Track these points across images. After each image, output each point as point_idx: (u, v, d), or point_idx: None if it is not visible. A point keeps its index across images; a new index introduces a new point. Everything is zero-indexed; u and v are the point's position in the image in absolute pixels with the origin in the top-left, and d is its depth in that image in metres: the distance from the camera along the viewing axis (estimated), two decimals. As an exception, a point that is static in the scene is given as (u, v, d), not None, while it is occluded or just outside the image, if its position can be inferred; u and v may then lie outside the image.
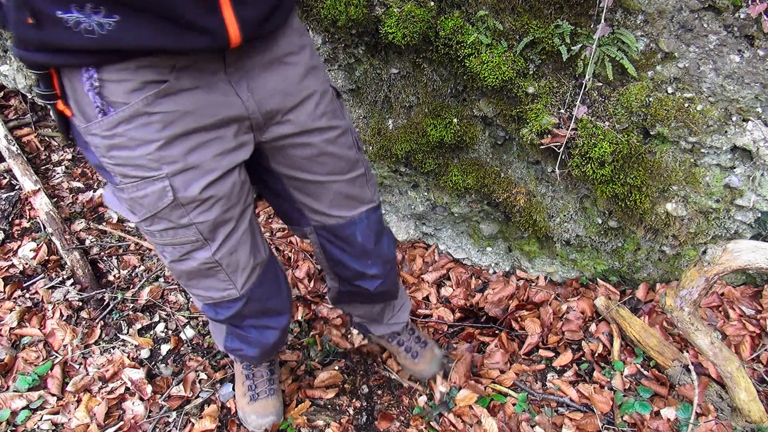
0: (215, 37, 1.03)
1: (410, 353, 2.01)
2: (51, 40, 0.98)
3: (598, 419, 1.85)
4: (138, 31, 0.97)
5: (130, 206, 1.21)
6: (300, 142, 1.31)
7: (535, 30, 1.79)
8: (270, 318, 1.49)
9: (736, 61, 1.69)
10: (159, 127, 1.10)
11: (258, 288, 1.41)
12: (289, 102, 1.25)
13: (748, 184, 1.90)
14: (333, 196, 1.43)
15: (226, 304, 1.39)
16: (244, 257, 1.33)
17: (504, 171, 2.19)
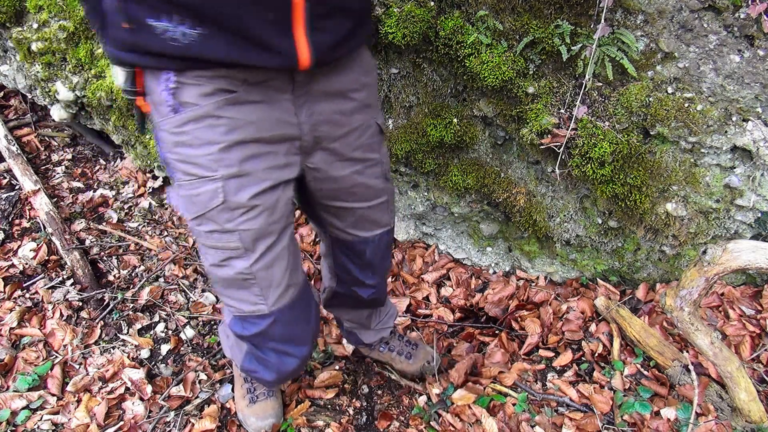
0: (286, 58, 1.13)
1: (403, 355, 2.07)
2: (140, 43, 1.10)
3: (598, 419, 1.85)
4: (217, 44, 1.08)
5: (186, 203, 1.27)
6: (333, 170, 1.41)
7: (535, 30, 1.79)
8: (292, 345, 1.46)
9: (736, 61, 1.69)
10: (223, 131, 1.18)
11: (288, 311, 1.40)
12: (337, 132, 1.36)
13: (748, 184, 1.90)
14: (355, 219, 1.56)
15: (254, 319, 1.39)
16: (279, 274, 1.35)
17: (504, 171, 2.19)
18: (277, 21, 1.10)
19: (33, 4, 2.44)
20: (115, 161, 2.98)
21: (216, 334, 2.27)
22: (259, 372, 1.56)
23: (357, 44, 1.31)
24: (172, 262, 2.52)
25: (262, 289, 1.34)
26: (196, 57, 1.10)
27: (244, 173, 1.22)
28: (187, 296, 2.41)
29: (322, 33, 1.16)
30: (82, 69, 2.50)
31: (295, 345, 1.45)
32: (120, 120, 2.54)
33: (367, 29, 1.35)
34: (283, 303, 1.38)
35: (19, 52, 2.56)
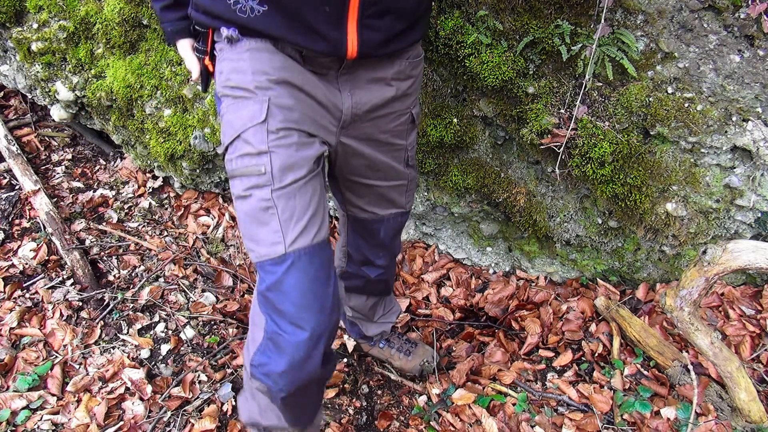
0: (336, 48, 1.26)
1: (402, 352, 2.10)
2: (215, 10, 1.26)
3: (598, 419, 1.85)
4: (278, 23, 1.23)
5: (224, 132, 1.31)
6: (361, 148, 1.48)
7: (535, 30, 1.79)
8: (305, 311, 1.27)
9: (736, 61, 1.69)
10: (277, 66, 1.27)
11: (306, 256, 1.27)
12: (372, 114, 1.44)
13: (748, 184, 1.90)
14: (373, 196, 1.64)
15: (270, 266, 1.27)
16: (302, 208, 1.28)
17: (504, 171, 2.19)
18: (331, 13, 1.22)
19: (33, 4, 2.44)
20: (115, 161, 2.98)
21: (216, 333, 2.27)
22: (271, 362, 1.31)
23: (407, 44, 1.39)
24: (172, 262, 2.52)
25: (282, 223, 1.26)
26: (258, 30, 1.24)
27: (288, 107, 1.27)
28: (187, 296, 2.41)
29: (372, 31, 1.27)
30: (82, 69, 2.50)
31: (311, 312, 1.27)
32: (120, 120, 2.54)
33: (420, 31, 1.42)
34: (302, 245, 1.27)
35: (19, 52, 2.56)
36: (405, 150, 1.60)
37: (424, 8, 1.41)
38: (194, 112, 2.35)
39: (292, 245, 1.26)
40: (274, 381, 1.30)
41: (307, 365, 1.27)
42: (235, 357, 2.18)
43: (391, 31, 1.31)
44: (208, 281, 2.50)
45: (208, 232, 2.70)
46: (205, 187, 2.74)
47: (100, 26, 2.36)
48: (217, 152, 1.88)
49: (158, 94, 2.39)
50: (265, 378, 1.32)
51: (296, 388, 1.30)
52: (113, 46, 2.38)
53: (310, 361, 1.27)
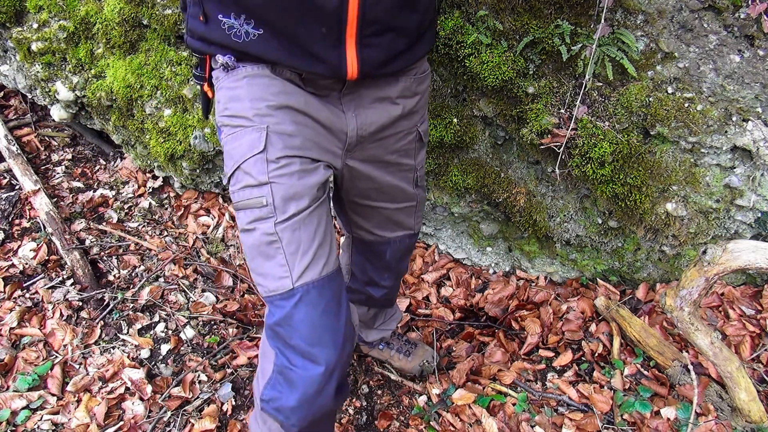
0: (335, 69, 1.22)
1: (402, 353, 2.10)
2: (209, 35, 1.24)
3: (598, 419, 1.85)
4: (274, 47, 1.20)
5: (225, 162, 1.29)
6: (368, 170, 1.44)
7: (535, 30, 1.79)
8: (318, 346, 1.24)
9: (736, 61, 1.69)
10: (275, 92, 1.24)
11: (315, 290, 1.24)
12: (380, 134, 1.40)
13: (748, 184, 1.90)
14: (380, 219, 1.60)
15: (279, 300, 1.25)
16: (307, 240, 1.24)
17: (504, 171, 2.19)
18: (328, 35, 1.18)
19: (33, 4, 2.44)
20: (115, 161, 2.98)
21: (216, 333, 2.27)
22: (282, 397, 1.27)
23: (412, 61, 1.35)
24: (172, 262, 2.52)
25: (288, 257, 1.22)
26: (254, 54, 1.22)
27: (288, 133, 1.24)
28: (187, 296, 2.41)
29: (373, 49, 1.23)
30: (82, 69, 2.50)
31: (322, 346, 1.24)
32: (120, 120, 2.54)
33: (425, 46, 1.37)
34: (310, 278, 1.23)
35: (19, 52, 2.56)
36: (414, 170, 1.55)
37: (428, 23, 1.36)
38: (194, 112, 2.35)
39: (300, 279, 1.23)
40: (285, 416, 1.26)
41: (319, 399, 1.24)
42: (235, 357, 2.18)
43: (392, 49, 1.27)
44: (208, 281, 2.50)
45: (208, 232, 2.70)
46: (205, 187, 2.74)
47: (100, 26, 2.36)
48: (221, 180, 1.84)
49: (158, 94, 2.39)
50: (276, 413, 1.28)
51: (309, 422, 1.27)
52: (113, 46, 2.38)
53: (323, 395, 1.24)
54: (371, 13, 1.18)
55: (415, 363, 2.09)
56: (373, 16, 1.19)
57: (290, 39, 1.19)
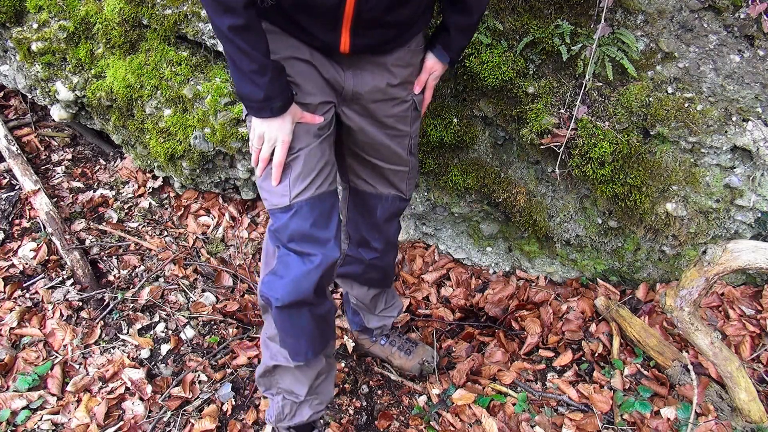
0: (330, 45, 1.40)
1: (403, 350, 2.12)
2: None
3: (598, 419, 1.85)
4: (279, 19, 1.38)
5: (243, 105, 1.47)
6: (364, 126, 1.58)
7: (535, 30, 1.79)
8: (312, 245, 1.49)
9: (736, 61, 1.69)
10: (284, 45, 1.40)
11: (307, 206, 1.48)
12: (375, 96, 1.53)
13: (748, 184, 1.90)
14: (376, 173, 1.72)
15: (279, 212, 1.49)
16: (308, 168, 1.47)
17: (504, 171, 2.19)
18: (325, 23, 1.35)
19: (33, 4, 2.44)
20: (115, 161, 2.98)
21: (216, 333, 2.27)
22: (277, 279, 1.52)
23: (402, 43, 1.49)
24: (172, 262, 2.52)
25: (291, 180, 1.46)
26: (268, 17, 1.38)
27: (295, 83, 1.41)
28: (187, 296, 2.41)
29: (364, 38, 1.38)
30: (82, 69, 2.50)
31: (316, 244, 1.49)
32: (120, 120, 2.54)
33: (418, 28, 1.51)
34: (304, 197, 1.47)
35: (19, 52, 2.56)
36: (409, 137, 1.68)
37: (421, 11, 1.46)
38: (194, 112, 2.35)
39: (297, 198, 1.47)
40: (274, 291, 1.49)
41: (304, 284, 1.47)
42: (235, 357, 2.18)
43: (384, 37, 1.43)
44: (208, 281, 2.50)
45: (208, 232, 2.70)
46: (205, 187, 2.74)
47: (100, 26, 2.36)
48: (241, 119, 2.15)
49: (158, 94, 2.39)
50: (267, 290, 1.52)
51: (290, 302, 1.48)
52: (113, 46, 2.38)
53: (306, 282, 1.47)
54: (366, 13, 1.32)
55: (415, 362, 2.10)
56: (367, 16, 1.33)
57: (291, 18, 1.35)
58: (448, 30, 1.59)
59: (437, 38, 1.62)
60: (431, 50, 1.62)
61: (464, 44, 1.65)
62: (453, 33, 1.58)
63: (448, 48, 1.60)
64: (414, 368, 2.09)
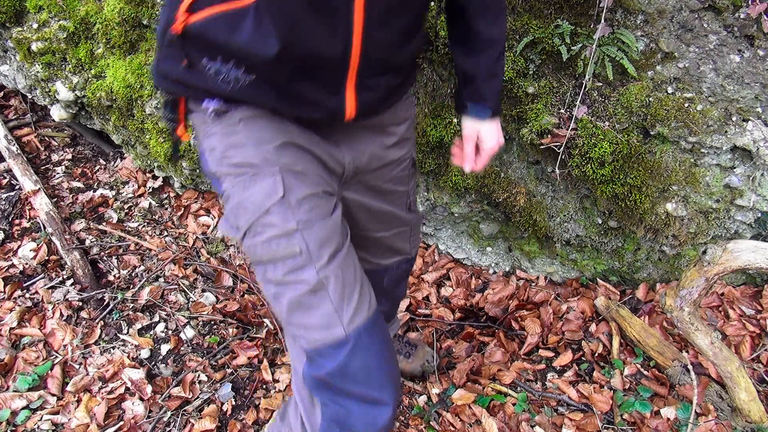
0: (332, 114, 1.16)
1: (402, 354, 2.07)
2: (187, 80, 1.12)
3: (598, 419, 1.85)
4: (268, 93, 1.10)
5: (236, 214, 1.15)
6: (366, 201, 1.40)
7: (535, 30, 1.79)
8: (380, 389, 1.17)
9: (736, 61, 1.69)
10: (276, 131, 1.15)
11: (367, 333, 1.15)
12: (374, 164, 1.35)
13: (748, 184, 1.90)
14: (376, 247, 1.54)
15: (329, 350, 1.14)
16: (350, 280, 1.16)
17: (504, 171, 2.19)
18: (329, 82, 1.13)
19: (33, 4, 2.44)
20: (115, 161, 2.98)
21: (216, 333, 2.27)
22: None
23: (405, 92, 1.33)
24: (172, 262, 2.52)
25: (335, 303, 1.13)
26: (244, 100, 1.12)
27: (301, 171, 1.16)
28: (187, 296, 2.41)
29: (371, 91, 1.18)
30: (82, 69, 2.50)
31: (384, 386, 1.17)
32: (120, 120, 2.54)
33: (413, 77, 1.35)
34: (359, 322, 1.14)
35: (19, 52, 2.56)
36: (407, 195, 1.52)
37: (416, 55, 1.33)
38: (194, 112, 2.35)
39: (351, 324, 1.13)
40: None
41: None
42: (235, 357, 2.18)
43: (389, 88, 1.24)
44: (208, 281, 2.50)
45: (208, 232, 2.70)
46: (205, 187, 2.74)
47: (100, 26, 2.36)
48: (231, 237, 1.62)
49: (158, 94, 2.39)
50: None
51: None
52: (113, 46, 2.38)
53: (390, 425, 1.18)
54: (374, 55, 1.12)
55: (416, 364, 2.08)
56: (375, 58, 1.13)
57: (285, 86, 1.11)
58: (473, 78, 1.36)
59: (463, 95, 1.39)
60: (464, 114, 1.39)
61: (498, 87, 1.38)
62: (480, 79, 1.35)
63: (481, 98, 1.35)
64: (415, 370, 2.08)
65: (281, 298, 1.15)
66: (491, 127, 1.39)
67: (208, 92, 1.12)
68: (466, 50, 1.34)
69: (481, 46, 1.33)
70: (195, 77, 1.10)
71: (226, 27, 1.04)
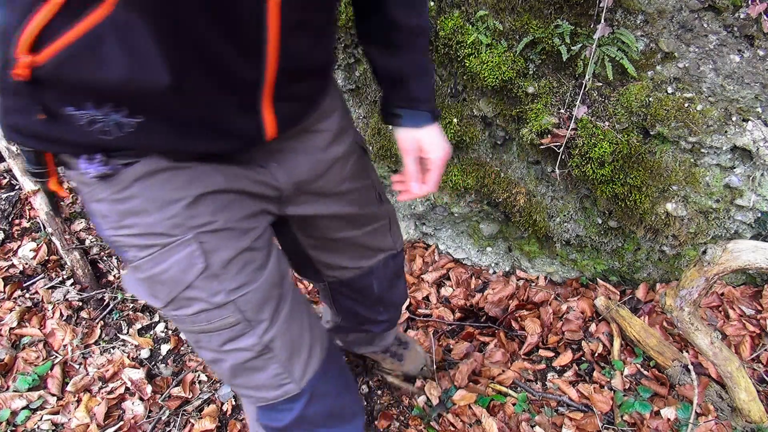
0: (250, 140, 0.96)
1: (395, 357, 1.98)
2: (54, 135, 0.85)
3: (598, 419, 1.85)
4: (162, 134, 0.87)
5: (150, 288, 0.98)
6: (324, 210, 1.20)
7: (535, 30, 1.79)
8: (345, 425, 1.13)
9: (736, 61, 1.69)
10: (184, 183, 0.93)
11: (322, 380, 1.09)
12: (319, 170, 1.14)
13: (748, 184, 1.90)
14: (351, 250, 1.34)
15: (284, 405, 1.08)
16: (298, 336, 1.06)
17: (504, 171, 2.19)
18: (240, 108, 0.91)
19: (33, 4, 2.44)
20: (115, 161, 2.98)
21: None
22: None
23: (326, 94, 1.12)
24: (172, 262, 2.52)
25: (284, 362, 1.04)
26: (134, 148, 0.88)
27: (222, 227, 0.96)
28: (187, 296, 2.41)
29: (292, 102, 0.99)
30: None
31: (347, 422, 1.13)
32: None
33: (330, 79, 1.14)
34: (312, 372, 1.08)
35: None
36: (373, 188, 1.31)
37: (333, 48, 1.13)
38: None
39: (304, 378, 1.06)
40: None
41: None
42: (235, 357, 2.18)
43: (311, 94, 1.06)
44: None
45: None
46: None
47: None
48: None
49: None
50: None
51: None
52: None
53: None
54: (292, 64, 0.91)
55: (407, 368, 1.98)
56: (294, 66, 0.93)
57: (185, 122, 0.88)
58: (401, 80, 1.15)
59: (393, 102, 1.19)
60: (397, 125, 1.20)
61: (432, 85, 1.20)
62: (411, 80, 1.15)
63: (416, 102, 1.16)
64: (409, 371, 2.01)
65: (221, 364, 1.04)
66: (433, 133, 1.19)
67: (82, 147, 0.86)
68: (389, 48, 1.14)
69: (406, 41, 1.12)
70: (60, 129, 0.84)
71: (88, 60, 0.76)
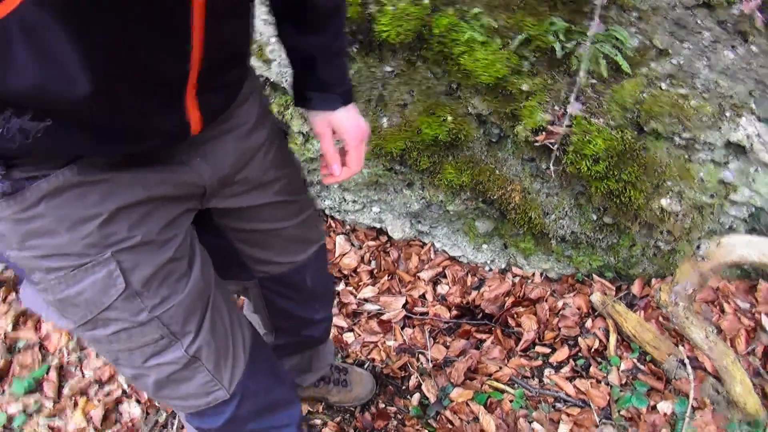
0: (173, 137, 0.90)
1: (340, 385, 1.91)
2: None
3: (595, 414, 1.86)
4: (74, 138, 0.78)
5: (62, 309, 0.90)
6: (251, 201, 1.14)
7: (530, 27, 1.79)
8: (277, 415, 1.14)
9: (730, 57, 1.70)
10: (98, 199, 0.85)
11: (251, 379, 1.09)
12: (244, 160, 1.08)
13: (742, 179, 1.91)
14: (283, 242, 1.27)
15: (215, 409, 1.06)
16: (223, 340, 1.04)
17: (499, 168, 2.19)
18: (162, 105, 0.85)
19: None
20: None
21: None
22: None
23: (246, 75, 1.07)
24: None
25: (212, 369, 1.02)
26: (42, 154, 0.80)
27: (141, 241, 0.90)
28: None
29: (217, 93, 0.94)
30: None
31: (280, 412, 1.13)
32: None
33: (248, 65, 1.08)
34: (240, 373, 1.06)
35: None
36: (298, 174, 1.28)
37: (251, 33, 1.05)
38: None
39: (233, 382, 1.05)
40: None
41: None
42: (232, 358, 2.17)
43: (234, 83, 1.01)
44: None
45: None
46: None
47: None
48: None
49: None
50: None
51: None
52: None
53: None
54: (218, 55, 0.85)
55: (356, 392, 1.93)
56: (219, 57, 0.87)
57: (101, 125, 0.80)
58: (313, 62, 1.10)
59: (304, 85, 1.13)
60: (309, 108, 1.14)
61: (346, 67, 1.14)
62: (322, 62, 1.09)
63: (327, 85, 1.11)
64: (357, 399, 1.94)
65: (144, 380, 1.00)
66: (347, 115, 1.14)
67: None
68: (301, 27, 1.07)
69: (320, 21, 1.06)
70: None
71: None
